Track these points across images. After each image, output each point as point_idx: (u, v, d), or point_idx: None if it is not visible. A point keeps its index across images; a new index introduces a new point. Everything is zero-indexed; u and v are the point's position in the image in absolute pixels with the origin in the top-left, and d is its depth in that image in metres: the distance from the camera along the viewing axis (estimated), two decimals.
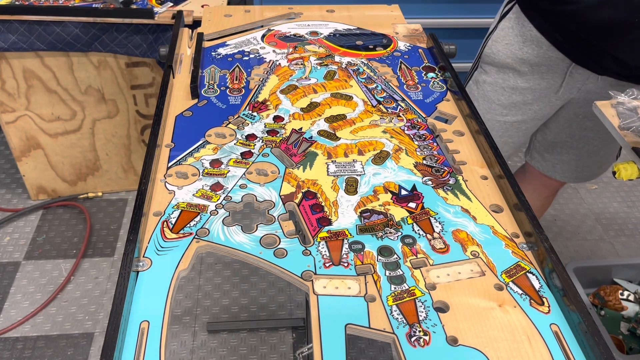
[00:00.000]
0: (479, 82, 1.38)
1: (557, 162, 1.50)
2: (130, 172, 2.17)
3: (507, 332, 0.65)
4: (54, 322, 1.72)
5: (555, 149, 1.47)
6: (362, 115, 1.03)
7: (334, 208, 0.82)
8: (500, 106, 1.35)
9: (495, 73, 1.34)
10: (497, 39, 1.32)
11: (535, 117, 1.37)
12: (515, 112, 1.36)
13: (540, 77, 1.29)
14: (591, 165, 1.49)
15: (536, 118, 1.38)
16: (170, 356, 1.63)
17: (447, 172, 0.90)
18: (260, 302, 1.81)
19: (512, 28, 1.28)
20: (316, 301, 0.68)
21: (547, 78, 1.29)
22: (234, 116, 1.02)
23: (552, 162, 1.51)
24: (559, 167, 1.51)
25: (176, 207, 0.81)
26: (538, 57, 1.26)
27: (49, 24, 1.68)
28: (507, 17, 1.30)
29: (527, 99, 1.33)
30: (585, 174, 1.52)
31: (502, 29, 1.31)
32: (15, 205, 2.13)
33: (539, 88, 1.31)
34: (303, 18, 1.39)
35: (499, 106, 1.36)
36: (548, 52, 1.25)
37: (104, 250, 1.97)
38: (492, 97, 1.35)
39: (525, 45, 1.27)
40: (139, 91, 1.93)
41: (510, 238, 0.78)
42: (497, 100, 1.35)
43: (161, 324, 0.65)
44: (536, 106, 1.34)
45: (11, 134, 1.94)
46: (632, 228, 2.19)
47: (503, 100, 1.34)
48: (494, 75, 1.34)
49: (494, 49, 1.32)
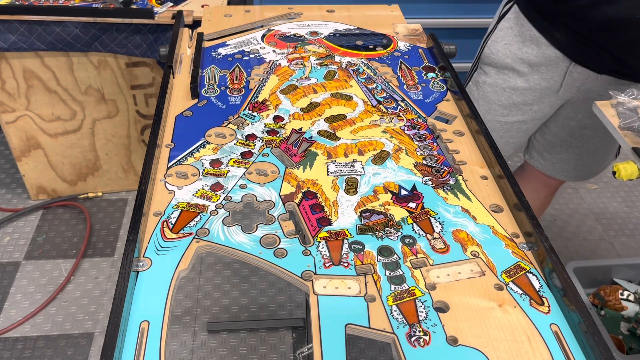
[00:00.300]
0: (478, 83, 1.38)
1: (557, 161, 1.50)
2: (130, 172, 2.17)
3: (507, 332, 0.65)
4: (54, 322, 1.72)
5: (555, 148, 1.47)
6: (362, 115, 1.03)
7: (334, 208, 0.82)
8: (500, 107, 1.35)
9: (495, 74, 1.34)
10: (496, 39, 1.32)
11: (535, 117, 1.37)
12: (516, 113, 1.35)
13: (540, 77, 1.29)
14: (590, 163, 1.49)
15: (536, 118, 1.38)
16: (170, 356, 1.63)
17: (447, 172, 0.90)
18: (260, 302, 1.81)
19: (511, 28, 1.28)
20: (316, 301, 0.68)
21: (546, 78, 1.29)
22: (234, 116, 1.02)
23: (551, 161, 1.51)
24: (559, 166, 1.51)
25: (176, 207, 0.81)
26: (537, 56, 1.26)
27: (49, 24, 1.68)
28: (505, 17, 1.30)
29: (527, 99, 1.33)
30: (585, 173, 1.52)
31: (501, 29, 1.31)
32: (15, 205, 2.13)
33: (539, 88, 1.31)
34: (303, 18, 1.39)
35: (499, 107, 1.36)
36: (547, 51, 1.25)
37: (104, 250, 1.97)
38: (492, 98, 1.35)
39: (524, 45, 1.27)
40: (139, 91, 1.93)
41: (510, 238, 0.78)
42: (497, 101, 1.35)
43: (161, 324, 0.65)
44: (536, 106, 1.34)
45: (11, 134, 1.94)
46: (632, 228, 2.19)
47: (503, 101, 1.34)
48: (494, 76, 1.34)
49: (493, 50, 1.32)
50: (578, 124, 1.39)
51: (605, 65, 1.23)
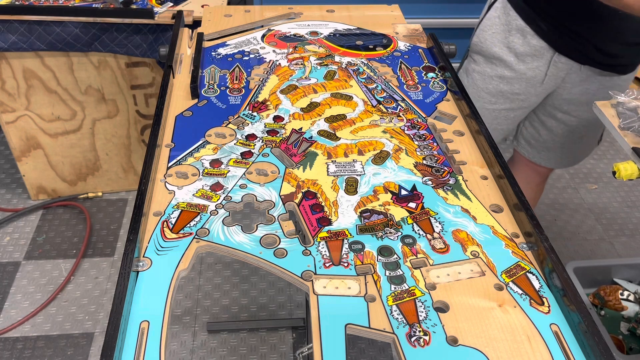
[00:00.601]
0: (468, 71, 1.42)
1: (543, 149, 1.53)
2: (130, 172, 2.17)
3: (507, 332, 0.65)
4: (54, 322, 1.72)
5: (541, 136, 1.50)
6: (362, 115, 1.03)
7: (334, 208, 0.82)
8: (488, 94, 1.38)
9: (484, 62, 1.37)
10: (485, 28, 1.35)
11: (522, 105, 1.40)
12: (503, 101, 1.38)
13: (526, 66, 1.32)
14: (575, 150, 1.53)
15: (523, 107, 1.40)
16: (170, 356, 1.63)
17: (447, 172, 0.90)
18: (260, 302, 1.81)
19: (499, 17, 1.31)
20: (316, 301, 0.68)
21: (532, 68, 1.32)
22: (234, 116, 1.02)
23: (537, 149, 1.54)
24: (544, 154, 1.54)
25: (176, 207, 0.81)
26: (523, 46, 1.29)
27: (49, 24, 1.68)
28: (494, 6, 1.33)
29: (514, 88, 1.36)
30: (570, 160, 1.56)
31: (489, 18, 1.33)
32: (15, 205, 2.13)
33: (525, 77, 1.33)
34: (303, 18, 1.39)
35: (487, 94, 1.38)
36: (532, 41, 1.27)
37: (104, 250, 1.97)
38: (481, 86, 1.38)
39: (510, 34, 1.29)
40: (139, 91, 1.93)
41: (510, 238, 0.78)
42: (485, 89, 1.38)
43: (161, 324, 0.65)
44: (523, 95, 1.37)
45: (11, 134, 1.94)
46: (632, 228, 2.18)
47: (491, 89, 1.37)
48: (482, 64, 1.37)
49: (482, 38, 1.35)
50: (563, 113, 1.42)
51: (588, 55, 1.26)
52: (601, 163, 2.52)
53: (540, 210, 2.23)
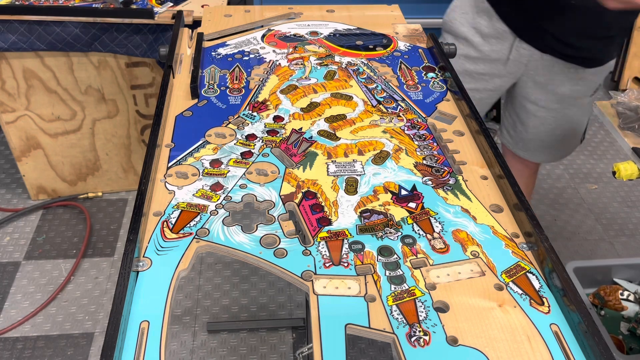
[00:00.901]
0: None
1: (520, 141, 1.54)
2: (130, 172, 2.17)
3: (507, 332, 0.65)
4: (54, 322, 1.72)
5: (517, 128, 1.52)
6: (362, 115, 1.03)
7: (334, 208, 0.82)
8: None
9: (452, 40, 1.39)
10: (455, 7, 1.38)
11: (487, 87, 1.42)
12: (469, 80, 1.40)
13: (490, 48, 1.34)
14: (553, 145, 1.53)
15: (488, 88, 1.42)
16: (170, 356, 1.63)
17: (447, 172, 0.90)
18: (260, 302, 1.81)
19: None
20: (316, 301, 0.68)
21: (495, 50, 1.34)
22: (234, 116, 1.02)
23: (516, 140, 1.56)
24: (522, 145, 1.55)
25: (176, 207, 0.81)
26: (488, 27, 1.31)
27: (49, 24, 1.68)
28: None
29: (478, 68, 1.38)
30: (550, 155, 1.57)
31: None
32: (15, 205, 2.13)
33: (489, 59, 1.35)
34: (303, 18, 1.39)
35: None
36: (497, 24, 1.30)
37: (104, 250, 1.97)
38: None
39: (477, 15, 1.32)
40: (139, 91, 1.93)
41: (510, 238, 0.78)
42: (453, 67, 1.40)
43: (161, 324, 0.65)
44: (487, 76, 1.39)
45: (11, 134, 1.94)
46: (632, 228, 2.18)
47: (457, 68, 1.39)
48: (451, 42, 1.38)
49: (451, 17, 1.38)
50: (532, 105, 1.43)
51: (547, 44, 1.28)
52: (601, 163, 2.52)
53: (540, 210, 2.23)
